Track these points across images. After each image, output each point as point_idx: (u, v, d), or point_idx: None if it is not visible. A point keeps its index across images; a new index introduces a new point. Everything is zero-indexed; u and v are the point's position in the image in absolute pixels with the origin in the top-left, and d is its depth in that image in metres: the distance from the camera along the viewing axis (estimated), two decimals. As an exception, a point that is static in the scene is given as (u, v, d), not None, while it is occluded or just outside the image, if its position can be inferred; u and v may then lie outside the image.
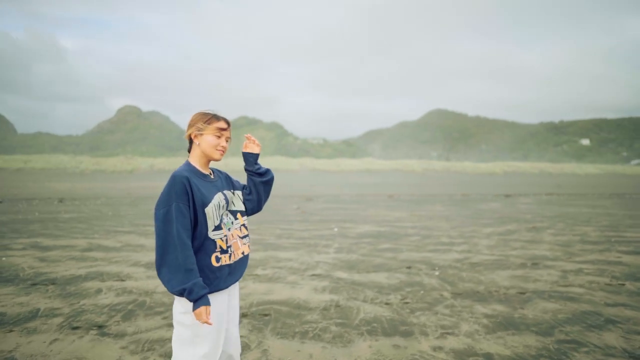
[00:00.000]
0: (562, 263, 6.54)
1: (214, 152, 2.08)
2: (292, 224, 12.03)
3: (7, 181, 46.34)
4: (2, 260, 6.89)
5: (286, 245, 8.34)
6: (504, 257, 7.06)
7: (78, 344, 3.46)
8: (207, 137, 2.07)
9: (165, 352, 3.30)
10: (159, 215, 1.91)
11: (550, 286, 5.19)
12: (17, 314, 4.22)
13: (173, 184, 1.95)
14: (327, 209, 17.11)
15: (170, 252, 1.88)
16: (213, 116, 2.10)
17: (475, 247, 7.97)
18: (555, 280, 5.49)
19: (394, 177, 69.69)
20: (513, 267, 6.28)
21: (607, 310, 4.25)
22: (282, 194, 29.59)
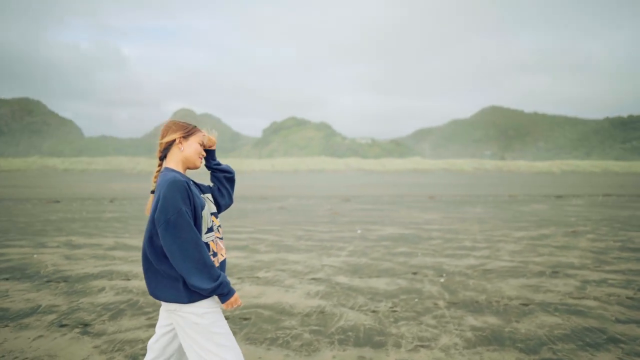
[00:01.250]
0: (586, 272, 6.04)
1: (197, 159, 2.12)
2: (317, 225, 12.00)
3: (71, 182, 49.89)
4: (33, 257, 7.37)
5: (301, 247, 8.32)
6: (524, 264, 6.62)
7: (58, 341, 3.62)
8: (192, 144, 2.11)
9: (132, 353, 3.37)
10: (172, 220, 1.87)
11: (560, 298, 4.79)
12: (19, 309, 4.49)
13: (177, 189, 1.92)
14: (360, 210, 16.93)
15: (193, 254, 1.88)
16: (195, 126, 2.17)
17: (497, 253, 7.54)
18: (570, 291, 5.07)
19: (441, 177, 67.88)
20: (529, 275, 5.87)
21: (614, 328, 3.86)
22: (321, 195, 29.68)
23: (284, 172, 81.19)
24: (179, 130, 2.10)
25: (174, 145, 2.09)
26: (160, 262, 1.95)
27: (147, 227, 1.97)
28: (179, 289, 1.94)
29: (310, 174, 77.11)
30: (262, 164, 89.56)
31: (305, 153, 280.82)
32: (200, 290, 1.90)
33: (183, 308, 1.95)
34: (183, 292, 1.93)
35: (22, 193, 32.09)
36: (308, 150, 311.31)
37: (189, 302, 1.94)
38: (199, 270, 1.88)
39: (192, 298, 1.94)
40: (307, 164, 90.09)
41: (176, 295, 1.94)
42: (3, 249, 8.15)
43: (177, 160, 2.10)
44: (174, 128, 2.11)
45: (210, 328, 1.93)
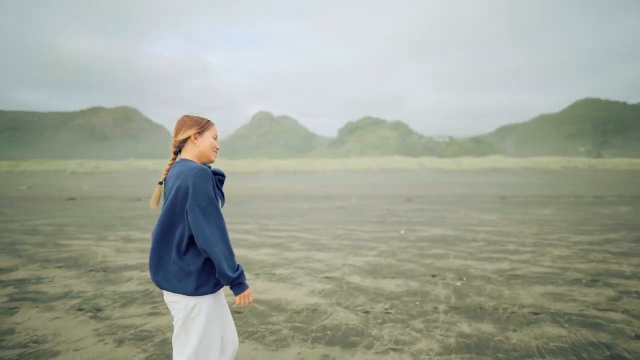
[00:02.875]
0: (634, 283, 5.36)
1: (212, 153, 2.12)
2: (363, 225, 11.91)
3: (156, 182, 54.20)
4: (92, 249, 8.21)
5: (333, 246, 8.34)
6: (562, 270, 6.05)
7: (68, 323, 4.03)
8: (208, 139, 2.10)
9: (122, 337, 3.66)
10: (204, 206, 1.90)
11: (582, 309, 4.33)
12: (54, 293, 5.06)
13: (207, 177, 1.94)
14: (416, 211, 16.48)
15: (223, 240, 1.91)
16: (209, 121, 2.16)
17: (539, 258, 6.97)
18: (598, 302, 4.55)
19: (522, 177, 63.81)
20: (560, 283, 5.36)
21: (626, 344, 3.42)
22: (385, 195, 29.29)
23: (356, 172, 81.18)
24: (194, 126, 2.09)
25: (189, 141, 2.08)
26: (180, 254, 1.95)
27: (160, 219, 1.97)
28: (187, 281, 1.93)
29: (381, 174, 76.33)
30: (335, 164, 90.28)
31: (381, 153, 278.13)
32: (225, 277, 1.91)
33: (186, 300, 1.95)
34: (191, 284, 1.93)
35: (113, 192, 35.62)
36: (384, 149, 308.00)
37: (193, 295, 1.93)
38: (226, 258, 1.90)
39: (199, 292, 1.94)
40: (380, 163, 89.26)
41: (183, 286, 1.94)
42: (72, 241, 9.17)
43: (193, 155, 2.08)
44: (189, 124, 2.10)
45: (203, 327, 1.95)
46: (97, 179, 75.84)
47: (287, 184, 49.61)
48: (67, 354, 3.31)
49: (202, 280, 1.95)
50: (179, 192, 1.92)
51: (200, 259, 1.96)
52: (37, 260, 7.05)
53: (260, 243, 8.81)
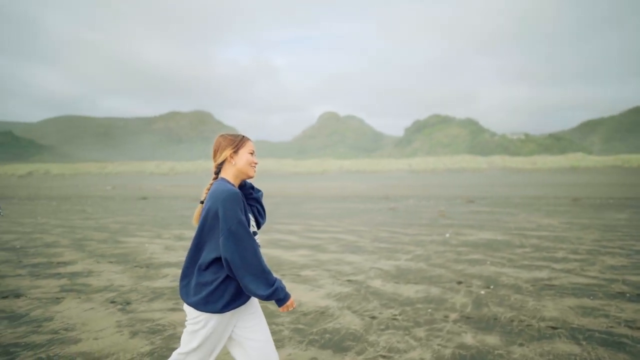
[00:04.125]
0: (688, 298, 4.81)
1: (249, 169, 2.17)
2: (409, 227, 11.69)
3: (225, 182, 56.82)
4: (144, 246, 8.89)
5: (369, 249, 8.30)
6: (608, 282, 5.56)
7: (98, 314, 4.45)
8: (242, 155, 2.14)
9: (138, 329, 3.97)
10: (233, 229, 1.97)
11: (611, 325, 3.97)
12: (97, 286, 5.58)
13: (236, 200, 2.00)
14: (473, 213, 15.83)
15: (252, 262, 1.97)
16: (243, 137, 2.20)
17: (587, 267, 6.44)
18: (635, 319, 4.14)
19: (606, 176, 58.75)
20: (599, 296, 4.94)
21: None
22: (445, 195, 28.35)
23: (420, 172, 79.26)
24: (228, 146, 2.15)
25: (226, 161, 2.15)
26: (200, 270, 2.05)
27: (193, 237, 2.08)
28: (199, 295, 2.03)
29: (447, 174, 73.82)
30: (400, 164, 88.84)
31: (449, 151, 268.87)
32: (257, 296, 2.00)
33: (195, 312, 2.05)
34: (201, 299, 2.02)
35: (180, 192, 37.92)
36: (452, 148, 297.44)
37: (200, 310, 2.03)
38: (257, 277, 1.97)
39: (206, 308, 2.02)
40: (446, 163, 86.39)
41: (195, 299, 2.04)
42: (130, 238, 9.98)
43: (230, 174, 2.14)
44: (224, 145, 2.16)
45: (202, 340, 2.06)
46: (170, 179, 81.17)
47: (348, 184, 49.72)
48: (86, 342, 3.68)
49: (212, 298, 2.02)
50: (209, 213, 2.00)
51: (216, 278, 2.03)
52: (95, 255, 7.78)
53: (299, 244, 8.99)
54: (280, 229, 11.56)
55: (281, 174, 79.75)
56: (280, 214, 16.09)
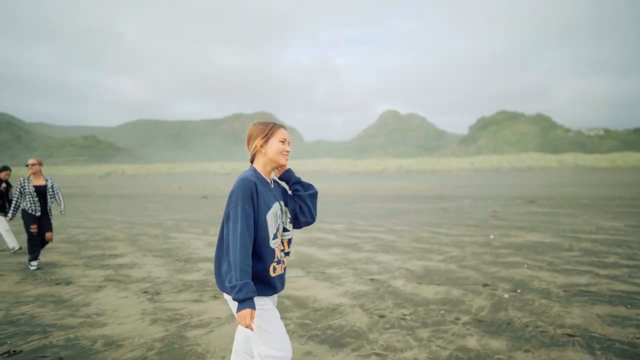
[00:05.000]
0: None
1: (280, 157, 2.14)
2: (454, 228, 11.35)
3: (283, 181, 58.10)
4: (190, 242, 9.42)
5: (403, 249, 8.20)
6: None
7: (128, 302, 4.84)
8: (273, 144, 2.13)
9: (159, 317, 4.28)
10: (229, 214, 2.01)
11: (638, 336, 3.67)
12: (137, 277, 6.04)
13: (242, 187, 2.01)
14: (529, 214, 15.02)
15: (232, 249, 1.94)
16: (274, 125, 2.20)
17: (636, 274, 5.93)
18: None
19: (695, 175, 53.12)
20: (639, 305, 4.56)
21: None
22: (506, 195, 27.04)
23: (483, 171, 75.95)
24: (258, 135, 2.15)
25: (258, 151, 2.16)
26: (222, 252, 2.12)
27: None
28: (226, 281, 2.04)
29: (512, 173, 70.09)
30: (461, 163, 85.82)
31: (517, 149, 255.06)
32: (217, 283, 2.10)
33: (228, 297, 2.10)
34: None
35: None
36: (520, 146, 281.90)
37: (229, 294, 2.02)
38: (232, 266, 1.94)
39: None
40: (511, 161, 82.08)
41: (224, 285, 2.08)
42: (180, 234, 10.61)
43: (263, 162, 2.16)
44: (255, 134, 2.17)
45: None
46: (232, 179, 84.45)
47: (405, 183, 48.88)
48: (110, 326, 4.04)
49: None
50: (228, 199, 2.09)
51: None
52: (144, 249, 8.39)
53: (336, 242, 9.08)
54: (323, 227, 11.71)
55: (338, 174, 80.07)
56: (328, 213, 16.27)
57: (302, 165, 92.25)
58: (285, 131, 2.20)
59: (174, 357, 3.32)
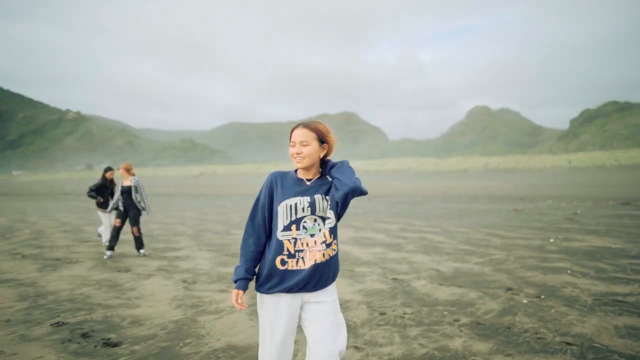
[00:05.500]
0: None
1: (293, 160, 2.16)
2: (515, 230, 10.78)
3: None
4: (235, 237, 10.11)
5: (447, 250, 8.06)
6: None
7: (166, 289, 5.48)
8: (290, 148, 2.17)
9: (182, 303, 4.83)
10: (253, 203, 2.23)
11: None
12: (183, 268, 6.74)
13: (265, 181, 2.18)
14: (613, 217, 13.67)
15: (244, 236, 2.17)
16: (293, 129, 2.20)
17: (696, 285, 5.31)
18: (690, 345, 3.44)
19: None
20: (673, 317, 4.14)
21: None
22: (597, 195, 24.56)
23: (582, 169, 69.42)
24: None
25: None
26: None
27: None
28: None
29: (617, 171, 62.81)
30: (557, 161, 79.16)
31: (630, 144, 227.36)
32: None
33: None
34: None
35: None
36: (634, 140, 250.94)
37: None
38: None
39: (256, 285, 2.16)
40: (618, 158, 73.92)
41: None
42: (239, 231, 11.40)
43: None
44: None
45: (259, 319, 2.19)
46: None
47: (488, 183, 46.38)
48: (142, 308, 4.66)
49: (258, 278, 2.15)
50: None
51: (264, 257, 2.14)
52: (202, 244, 9.22)
53: (380, 242, 9.16)
54: (377, 227, 11.80)
55: (420, 173, 78.13)
56: (388, 213, 16.22)
57: (382, 165, 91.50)
58: (297, 132, 2.14)
59: (179, 336, 3.80)
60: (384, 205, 20.92)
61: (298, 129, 2.15)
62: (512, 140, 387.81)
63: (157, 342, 3.66)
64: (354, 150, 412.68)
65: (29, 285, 5.63)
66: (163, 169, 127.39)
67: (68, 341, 3.67)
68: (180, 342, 3.65)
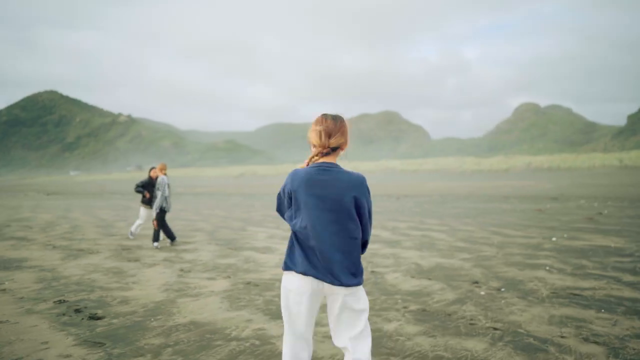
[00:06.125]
0: None
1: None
2: (524, 229, 10.75)
3: (390, 180, 57.87)
4: (256, 234, 10.72)
5: (440, 247, 8.27)
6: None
7: (163, 275, 6.10)
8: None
9: (170, 288, 5.43)
10: None
11: (563, 335, 3.60)
12: (186, 259, 7.39)
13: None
14: (634, 217, 13.20)
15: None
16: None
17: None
18: (607, 333, 3.62)
19: None
20: (617, 310, 4.28)
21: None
22: (635, 196, 23.38)
23: (634, 169, 65.69)
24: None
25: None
26: None
27: None
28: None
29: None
30: (606, 159, 75.23)
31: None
32: None
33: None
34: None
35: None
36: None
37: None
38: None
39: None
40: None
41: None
42: (254, 228, 12.02)
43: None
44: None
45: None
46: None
47: (528, 182, 44.86)
48: (134, 291, 5.29)
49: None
50: None
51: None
52: (214, 239, 9.89)
53: (382, 239, 9.46)
54: (387, 225, 12.07)
55: (460, 173, 76.39)
56: (408, 212, 16.37)
57: (421, 165, 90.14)
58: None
59: (153, 313, 4.38)
60: (409, 205, 21.00)
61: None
62: (563, 137, 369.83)
63: (133, 317, 4.26)
64: (396, 149, 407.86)
65: (49, 271, 6.45)
66: (206, 170, 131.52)
67: (62, 315, 4.34)
68: (152, 318, 4.22)
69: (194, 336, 3.73)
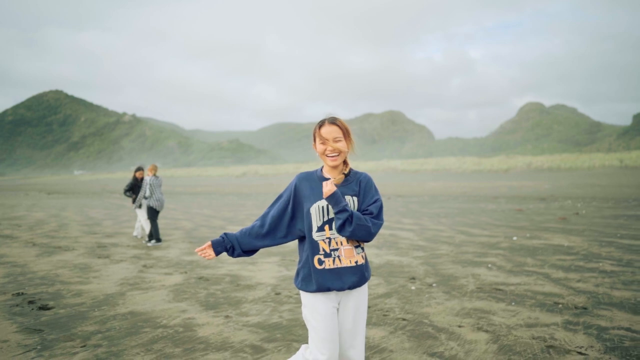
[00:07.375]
0: None
1: (325, 159, 2.14)
2: (494, 229, 11.04)
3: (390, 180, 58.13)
4: (234, 232, 11.09)
5: (401, 245, 8.59)
6: (588, 295, 4.94)
7: (124, 271, 6.46)
8: (317, 146, 2.15)
9: (124, 282, 5.80)
10: None
11: (454, 324, 3.93)
12: (153, 256, 7.76)
13: (292, 182, 2.20)
14: (614, 217, 13.45)
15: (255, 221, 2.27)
16: (319, 123, 2.17)
17: (593, 281, 5.63)
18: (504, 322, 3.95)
19: None
20: (533, 306, 4.59)
21: None
22: (630, 196, 23.52)
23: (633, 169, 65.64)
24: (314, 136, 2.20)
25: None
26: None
27: None
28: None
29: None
30: (607, 159, 75.14)
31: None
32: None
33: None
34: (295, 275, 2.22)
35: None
36: None
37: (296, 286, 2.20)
38: None
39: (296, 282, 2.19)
40: (677, 157, 69.07)
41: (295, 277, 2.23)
42: (233, 227, 12.39)
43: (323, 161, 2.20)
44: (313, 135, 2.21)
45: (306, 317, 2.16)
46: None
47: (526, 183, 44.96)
48: (91, 285, 5.66)
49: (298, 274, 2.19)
50: None
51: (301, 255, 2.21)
52: (189, 237, 10.26)
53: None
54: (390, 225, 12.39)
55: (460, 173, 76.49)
56: (392, 212, 16.68)
57: (422, 165, 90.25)
58: (329, 128, 2.12)
59: (99, 304, 4.74)
60: (395, 205, 21.30)
61: (328, 126, 2.12)
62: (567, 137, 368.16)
63: (79, 308, 4.63)
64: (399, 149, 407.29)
65: (20, 267, 6.84)
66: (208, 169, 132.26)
67: (16, 306, 4.72)
68: (96, 309, 4.59)
69: (127, 324, 4.09)
